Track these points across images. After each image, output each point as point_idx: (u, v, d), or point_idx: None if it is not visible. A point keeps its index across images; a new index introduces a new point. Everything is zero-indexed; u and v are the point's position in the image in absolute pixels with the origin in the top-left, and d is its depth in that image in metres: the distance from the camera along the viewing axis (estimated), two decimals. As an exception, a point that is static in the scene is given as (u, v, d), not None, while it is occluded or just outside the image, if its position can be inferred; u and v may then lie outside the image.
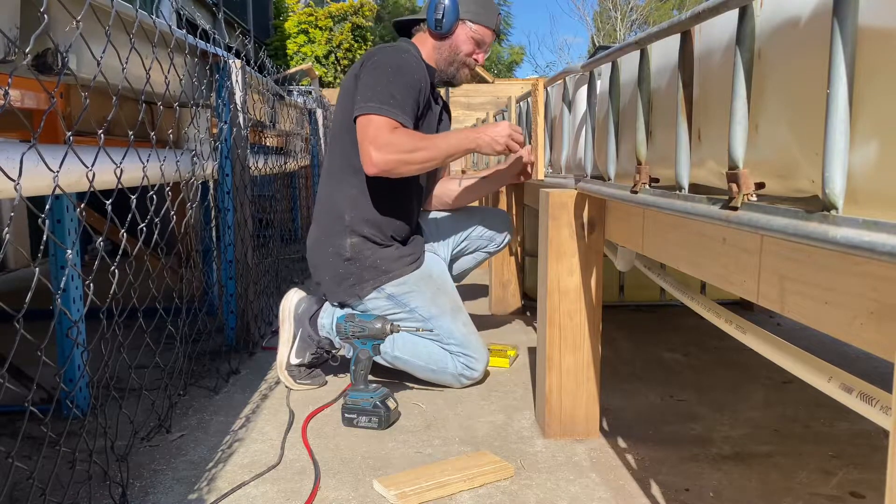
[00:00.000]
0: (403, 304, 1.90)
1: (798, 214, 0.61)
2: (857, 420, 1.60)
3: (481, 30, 1.97)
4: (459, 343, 1.87)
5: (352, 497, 1.28)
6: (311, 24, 10.78)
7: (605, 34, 20.33)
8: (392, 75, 1.83)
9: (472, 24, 1.96)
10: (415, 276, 1.94)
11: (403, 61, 1.88)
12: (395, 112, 1.79)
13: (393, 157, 1.75)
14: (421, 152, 1.78)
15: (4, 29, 1.03)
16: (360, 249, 1.91)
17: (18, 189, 0.96)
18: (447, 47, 1.97)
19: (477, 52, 1.99)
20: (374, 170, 1.77)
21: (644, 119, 1.04)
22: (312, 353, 1.92)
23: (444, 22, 1.93)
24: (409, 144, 1.77)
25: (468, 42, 1.97)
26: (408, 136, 1.79)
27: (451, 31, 1.95)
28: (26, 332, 0.97)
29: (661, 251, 1.12)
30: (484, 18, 1.97)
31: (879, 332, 0.60)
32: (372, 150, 1.75)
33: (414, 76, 1.87)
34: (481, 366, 1.90)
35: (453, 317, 1.91)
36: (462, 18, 1.95)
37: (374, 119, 1.77)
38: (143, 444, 1.51)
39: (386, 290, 1.90)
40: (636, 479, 1.35)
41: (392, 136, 1.77)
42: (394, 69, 1.84)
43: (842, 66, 0.56)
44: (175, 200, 1.66)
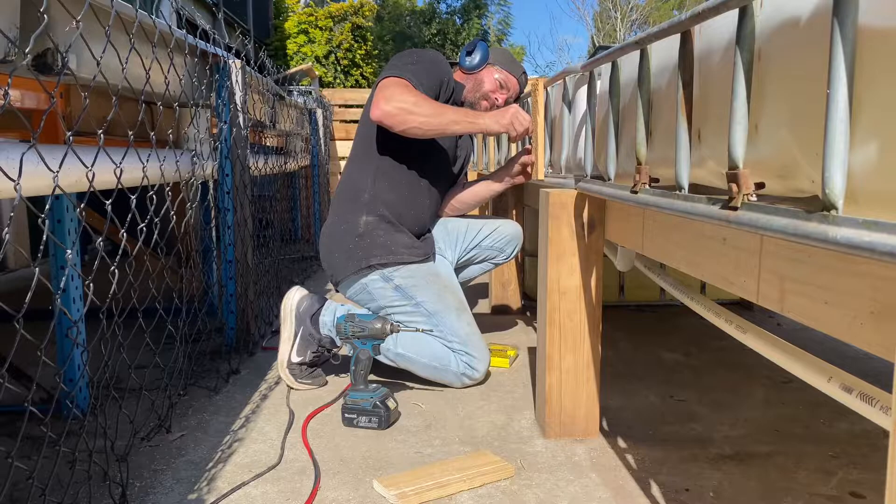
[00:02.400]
0: (410, 297, 1.90)
1: (798, 214, 0.61)
2: (857, 420, 1.60)
3: (506, 74, 2.14)
4: (462, 341, 1.87)
5: (352, 497, 1.28)
6: (311, 24, 10.78)
7: (605, 34, 20.32)
8: (416, 58, 1.98)
9: (496, 67, 2.14)
10: (423, 271, 1.95)
11: (430, 53, 2.06)
12: (410, 77, 1.89)
13: (398, 104, 1.83)
14: (426, 107, 1.85)
15: (4, 29, 1.03)
16: (373, 227, 1.96)
17: (18, 189, 0.96)
18: (472, 81, 2.14)
19: (500, 92, 2.13)
20: (378, 113, 1.83)
21: (644, 119, 1.04)
22: (314, 351, 1.92)
23: (474, 61, 2.13)
24: (416, 98, 1.86)
25: (491, 81, 2.13)
26: (416, 93, 1.88)
27: (478, 69, 2.13)
28: (26, 332, 0.97)
29: (661, 251, 1.12)
30: (508, 67, 2.15)
31: (879, 332, 0.60)
32: (381, 98, 1.85)
33: (440, 67, 2.02)
34: (483, 367, 1.90)
35: (458, 315, 1.91)
36: (490, 63, 2.14)
37: (389, 79, 1.89)
38: (143, 444, 1.51)
39: (394, 281, 1.91)
40: (636, 479, 1.35)
41: (402, 90, 1.86)
42: (419, 56, 2.00)
43: (842, 66, 0.56)
44: (175, 200, 1.66)
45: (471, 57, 2.14)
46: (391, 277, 1.91)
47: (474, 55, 2.14)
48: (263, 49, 9.70)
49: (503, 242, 2.25)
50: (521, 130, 1.90)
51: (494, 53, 2.18)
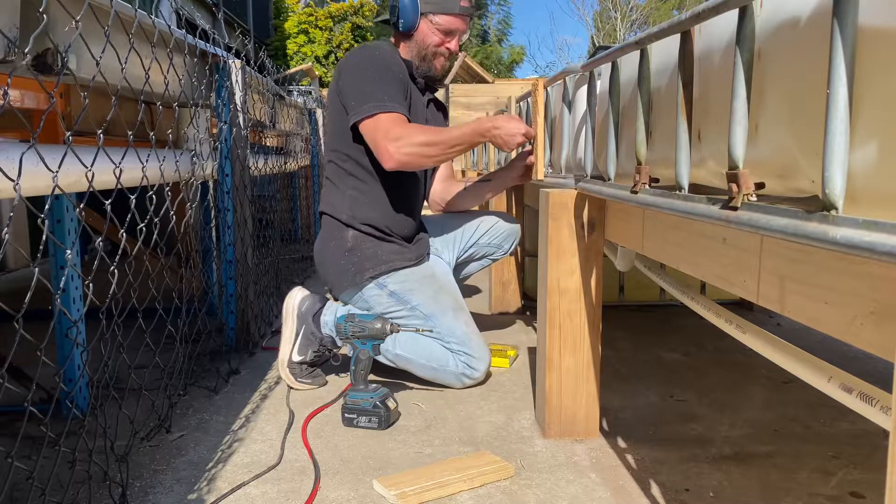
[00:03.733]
0: (405, 301, 1.90)
1: (798, 214, 0.61)
2: (857, 420, 1.60)
3: (445, 19, 1.94)
4: (460, 341, 1.87)
5: (352, 497, 1.28)
6: (311, 24, 10.79)
7: (605, 34, 20.32)
8: (374, 73, 1.86)
9: (433, 16, 1.93)
10: (417, 274, 1.94)
11: (378, 58, 1.91)
12: (395, 106, 1.83)
13: (410, 149, 1.79)
14: (436, 146, 1.81)
15: (4, 29, 1.03)
16: (361, 240, 1.94)
17: (18, 189, 0.96)
18: (415, 45, 1.97)
19: (447, 40, 1.97)
20: (392, 164, 1.80)
21: (644, 119, 1.04)
22: (314, 350, 1.92)
23: (403, 22, 1.93)
24: (424, 136, 1.81)
25: (434, 35, 1.95)
26: (419, 129, 1.83)
27: (413, 28, 1.94)
28: (26, 332, 0.97)
29: (661, 251, 1.12)
30: (444, 6, 1.93)
31: (879, 332, 0.60)
32: (389, 145, 1.78)
33: (392, 68, 1.91)
34: (482, 366, 1.89)
35: (455, 315, 1.91)
36: (422, 13, 1.93)
37: (380, 118, 1.81)
38: (143, 444, 1.51)
39: (388, 287, 1.90)
40: (636, 479, 1.35)
41: (404, 129, 1.80)
42: (373, 67, 1.87)
43: (842, 66, 0.56)
44: (175, 200, 1.66)
45: (402, 20, 1.94)
46: (385, 284, 1.91)
47: (403, 16, 1.93)
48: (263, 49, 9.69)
49: (501, 238, 2.23)
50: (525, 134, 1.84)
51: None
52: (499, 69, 15.23)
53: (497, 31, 16.70)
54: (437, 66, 2.01)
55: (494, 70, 14.50)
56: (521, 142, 1.85)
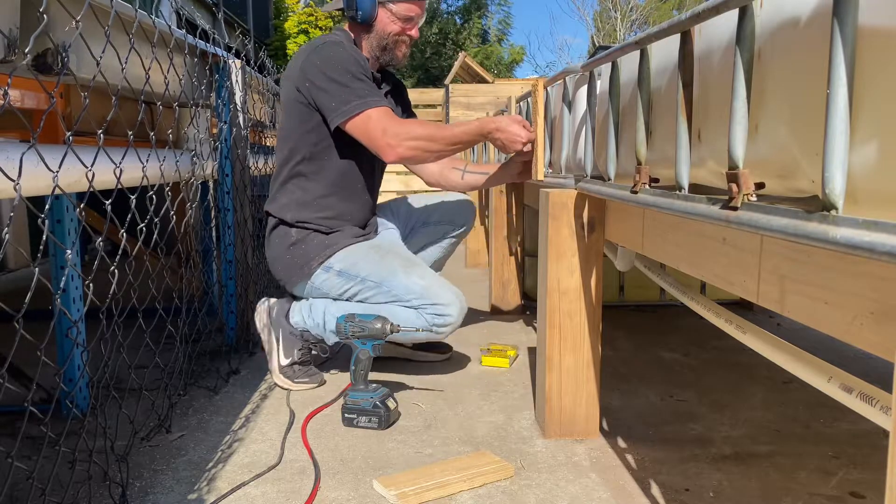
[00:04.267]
0: (353, 276, 1.87)
1: (798, 214, 0.61)
2: (857, 420, 1.60)
3: (404, 6, 1.87)
4: (420, 295, 1.83)
5: (352, 497, 1.28)
6: (311, 24, 10.79)
7: (605, 34, 20.32)
8: (347, 70, 1.81)
9: (392, 4, 1.87)
10: (361, 248, 1.92)
11: (345, 55, 1.84)
12: (379, 100, 1.80)
13: (413, 143, 1.78)
14: (438, 142, 1.80)
15: (4, 29, 1.03)
16: (304, 234, 1.93)
17: (18, 189, 0.96)
18: (374, 35, 1.91)
19: (407, 27, 1.91)
20: (394, 157, 1.79)
21: (644, 119, 1.04)
22: (300, 348, 1.92)
23: (361, 14, 1.86)
24: (425, 130, 1.80)
25: (394, 23, 1.89)
26: (419, 123, 1.81)
27: (372, 18, 1.88)
28: (26, 332, 0.97)
29: (661, 251, 1.12)
30: None
31: (879, 333, 0.60)
32: (390, 139, 1.76)
33: (361, 63, 1.86)
34: (454, 310, 1.83)
35: (406, 273, 1.86)
36: (380, 2, 1.86)
37: (370, 114, 1.78)
38: (143, 444, 1.51)
39: (334, 268, 1.89)
40: (636, 479, 1.35)
41: (402, 124, 1.79)
42: (344, 65, 1.81)
43: (842, 66, 0.56)
44: (175, 200, 1.66)
45: (360, 12, 1.85)
46: (331, 266, 1.89)
47: (361, 7, 1.85)
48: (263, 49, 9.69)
49: (452, 213, 2.19)
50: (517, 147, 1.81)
51: None
52: (499, 69, 15.23)
53: (497, 31, 16.69)
54: (399, 55, 1.96)
55: (494, 70, 14.49)
56: (521, 146, 1.83)
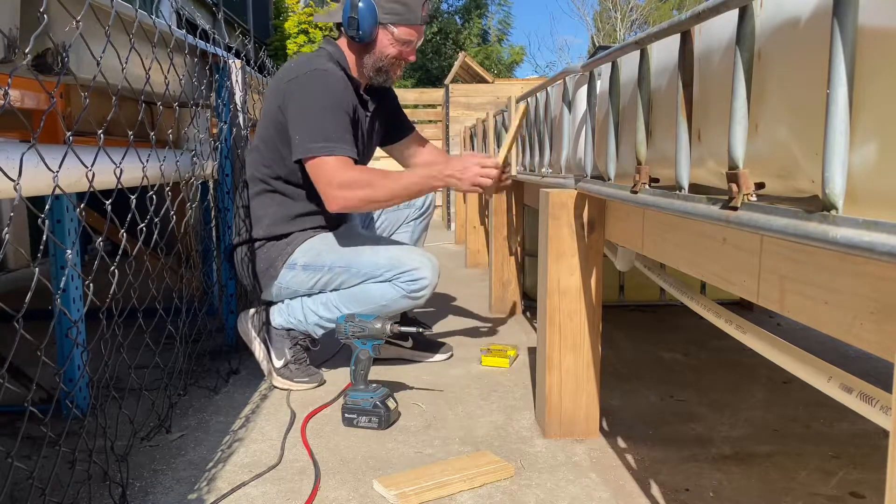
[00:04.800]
0: (319, 268, 1.88)
1: (798, 214, 0.61)
2: (857, 420, 1.60)
3: (405, 31, 1.83)
4: (390, 266, 1.83)
5: (352, 497, 1.28)
6: (311, 24, 10.78)
7: (605, 34, 20.33)
8: (325, 107, 1.78)
9: (393, 27, 1.82)
10: (320, 239, 1.93)
11: (330, 88, 1.81)
12: (342, 147, 1.77)
13: (357, 193, 1.75)
14: (381, 202, 1.78)
15: (4, 29, 1.03)
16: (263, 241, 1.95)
17: (18, 189, 0.96)
18: (371, 56, 1.86)
19: (405, 51, 1.87)
20: (336, 208, 1.78)
21: (644, 119, 1.04)
22: (290, 347, 1.93)
23: (361, 35, 1.81)
24: (370, 190, 1.75)
25: (392, 46, 1.84)
26: (368, 177, 1.76)
27: (371, 39, 1.83)
28: (26, 332, 0.97)
29: (661, 251, 1.12)
30: (406, 18, 1.81)
31: (879, 332, 0.60)
32: (335, 191, 1.75)
33: (341, 98, 1.83)
34: (426, 272, 1.84)
35: (372, 250, 1.87)
36: (381, 23, 1.81)
37: (328, 161, 1.76)
38: (143, 444, 1.51)
39: (298, 263, 1.90)
40: (636, 479, 1.35)
41: (353, 177, 1.75)
42: (325, 100, 1.79)
43: (842, 66, 0.56)
44: (175, 200, 1.66)
45: (360, 31, 1.80)
46: (294, 263, 1.90)
47: (361, 25, 1.78)
48: (263, 49, 9.69)
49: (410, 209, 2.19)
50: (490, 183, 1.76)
51: (382, 3, 1.79)
52: (499, 69, 15.23)
53: (497, 31, 16.70)
54: (393, 77, 1.93)
55: (494, 70, 14.49)
56: (492, 181, 1.76)
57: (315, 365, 2.02)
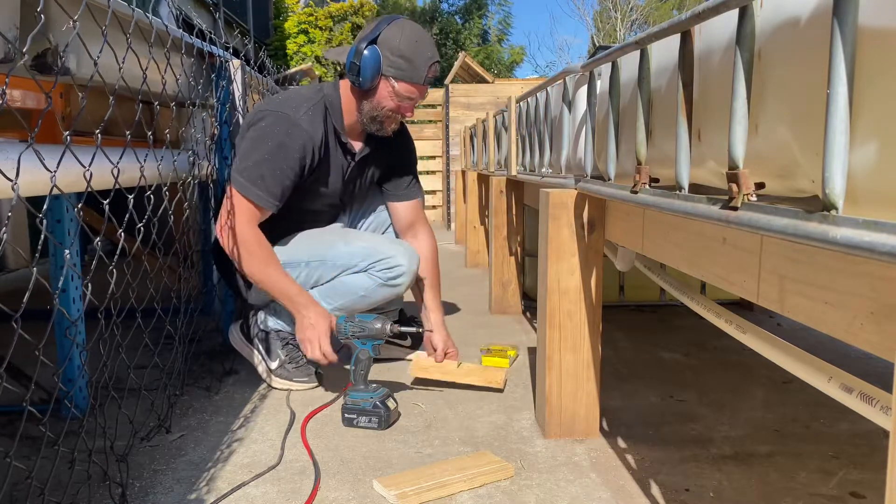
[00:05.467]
0: (296, 264, 1.89)
1: (798, 214, 0.61)
2: (857, 420, 1.60)
3: (405, 87, 1.77)
4: (365, 255, 1.85)
5: (352, 497, 1.28)
6: (311, 24, 10.79)
7: (605, 34, 20.33)
8: (271, 150, 1.77)
9: (395, 81, 1.77)
10: (293, 238, 1.94)
11: (288, 134, 1.79)
12: (260, 197, 1.76)
13: (239, 250, 1.76)
14: (257, 266, 1.77)
15: (4, 29, 1.03)
16: None
17: (16, 189, 0.96)
18: (368, 104, 1.82)
19: (403, 106, 1.82)
20: (220, 240, 1.80)
21: (644, 119, 1.04)
22: (282, 347, 1.93)
23: (362, 80, 1.76)
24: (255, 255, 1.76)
25: (391, 99, 1.80)
26: (262, 249, 1.78)
27: (371, 87, 1.78)
28: (25, 332, 0.97)
29: (661, 251, 1.12)
30: (409, 75, 1.76)
31: (879, 332, 0.60)
32: (226, 226, 1.76)
33: (293, 152, 1.79)
34: (402, 259, 1.84)
35: (346, 241, 1.89)
36: (384, 75, 1.77)
37: (240, 199, 1.76)
38: (142, 445, 1.51)
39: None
40: (636, 479, 1.34)
41: (251, 234, 1.76)
42: (273, 142, 1.77)
43: (842, 66, 0.56)
44: (173, 200, 1.66)
45: (361, 78, 1.76)
46: None
47: (362, 73, 1.75)
48: (263, 49, 9.69)
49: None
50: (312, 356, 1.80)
51: (388, 53, 1.74)
52: (499, 69, 15.23)
53: (497, 31, 16.70)
54: (387, 129, 1.88)
55: (494, 70, 14.49)
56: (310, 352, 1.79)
57: (315, 365, 2.02)
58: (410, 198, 2.11)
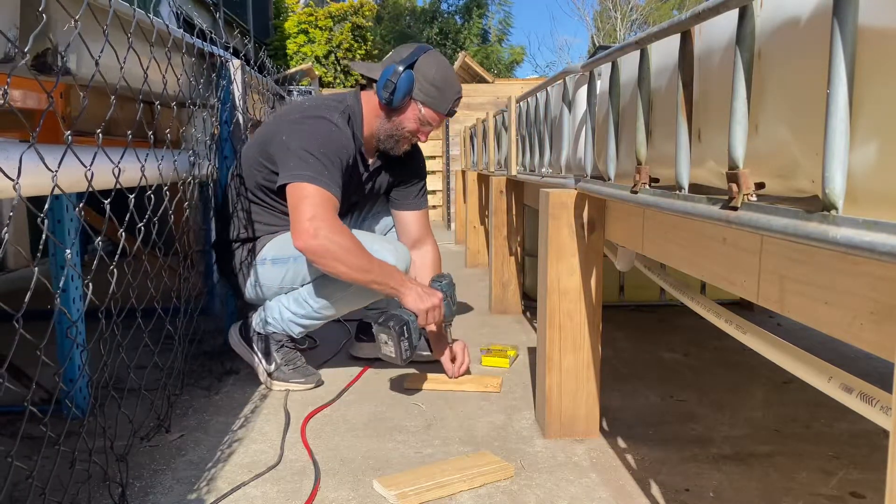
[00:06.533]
0: (286, 259, 1.89)
1: (798, 214, 0.61)
2: (857, 420, 1.60)
3: (430, 114, 1.87)
4: None
5: (352, 497, 1.28)
6: (311, 24, 10.79)
7: (605, 34, 20.33)
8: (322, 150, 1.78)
9: (422, 106, 1.86)
10: (283, 234, 1.92)
11: (330, 134, 1.82)
12: (329, 185, 1.75)
13: (327, 245, 1.68)
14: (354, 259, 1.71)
15: (4, 29, 1.03)
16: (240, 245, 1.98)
17: (18, 189, 0.96)
18: (391, 122, 1.89)
19: (422, 130, 1.90)
20: (301, 244, 1.70)
21: (644, 119, 1.04)
22: (277, 349, 1.93)
23: (393, 99, 1.83)
24: (349, 244, 1.71)
25: (414, 122, 1.88)
26: (349, 237, 1.73)
27: (399, 107, 1.85)
28: (26, 332, 0.97)
29: (661, 251, 1.12)
30: (436, 104, 1.86)
31: (879, 332, 0.60)
32: (311, 225, 1.68)
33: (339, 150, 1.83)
34: (391, 257, 1.82)
35: None
36: (413, 98, 1.85)
37: (309, 189, 1.72)
38: (142, 444, 1.51)
39: (268, 258, 1.92)
40: (636, 479, 1.34)
41: (335, 223, 1.72)
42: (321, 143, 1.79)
43: (842, 66, 0.56)
44: (174, 200, 1.66)
45: (392, 97, 1.83)
46: (265, 258, 1.93)
47: (396, 92, 1.82)
48: (263, 49, 9.69)
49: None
50: (434, 321, 1.79)
51: (421, 79, 1.83)
52: (499, 69, 15.23)
53: (497, 31, 16.70)
54: (400, 149, 1.94)
55: (494, 70, 14.49)
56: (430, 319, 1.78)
57: (314, 365, 2.02)
58: (417, 207, 2.13)
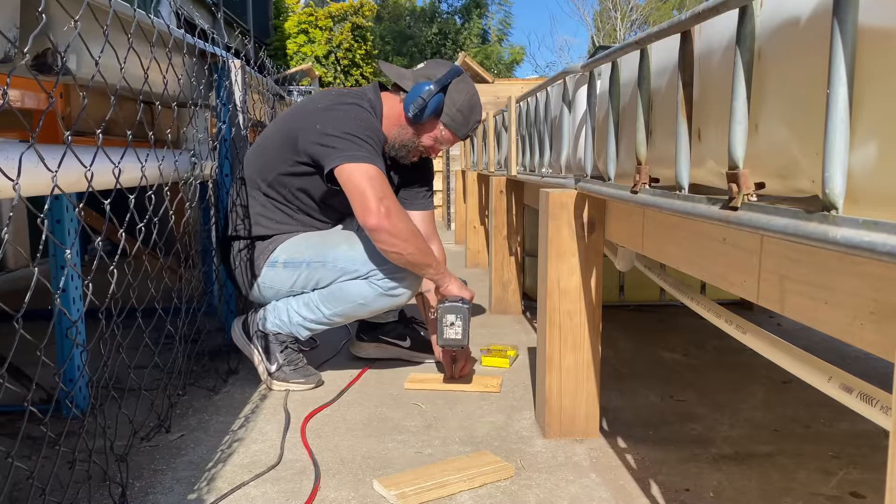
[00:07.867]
0: (298, 263, 1.90)
1: (798, 214, 0.61)
2: (857, 420, 1.60)
3: (448, 135, 1.94)
4: (365, 262, 1.84)
5: (352, 497, 1.28)
6: (311, 24, 10.80)
7: (605, 34, 20.34)
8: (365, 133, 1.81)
9: (444, 127, 1.93)
10: (301, 236, 1.95)
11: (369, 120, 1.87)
12: (383, 169, 1.80)
13: (397, 228, 1.72)
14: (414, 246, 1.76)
15: (4, 29, 1.03)
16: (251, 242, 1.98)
17: (17, 189, 0.96)
18: (406, 133, 1.93)
19: (435, 147, 1.98)
20: (373, 222, 1.71)
21: (644, 119, 1.04)
22: (281, 350, 1.93)
23: (418, 115, 1.88)
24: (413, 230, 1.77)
25: (432, 139, 1.95)
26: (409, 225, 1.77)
27: (421, 122, 1.91)
28: (26, 332, 0.97)
29: (661, 251, 1.12)
30: (457, 128, 1.94)
31: (879, 333, 0.60)
32: (385, 206, 1.71)
33: (378, 135, 1.88)
34: (405, 270, 1.84)
35: (349, 244, 1.88)
36: (437, 115, 1.91)
37: (372, 171, 1.74)
38: (142, 444, 1.51)
39: (279, 261, 1.92)
40: (636, 479, 1.34)
41: (401, 207, 1.78)
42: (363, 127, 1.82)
43: (842, 66, 0.56)
44: (174, 200, 1.66)
45: (419, 113, 1.88)
46: (276, 261, 1.92)
47: (426, 111, 1.88)
48: (263, 49, 9.68)
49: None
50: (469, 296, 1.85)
51: (450, 104, 1.90)
52: (499, 69, 15.24)
53: (497, 31, 16.71)
54: (409, 160, 1.99)
55: (494, 70, 14.50)
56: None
57: (315, 365, 2.02)
58: (425, 208, 2.15)
